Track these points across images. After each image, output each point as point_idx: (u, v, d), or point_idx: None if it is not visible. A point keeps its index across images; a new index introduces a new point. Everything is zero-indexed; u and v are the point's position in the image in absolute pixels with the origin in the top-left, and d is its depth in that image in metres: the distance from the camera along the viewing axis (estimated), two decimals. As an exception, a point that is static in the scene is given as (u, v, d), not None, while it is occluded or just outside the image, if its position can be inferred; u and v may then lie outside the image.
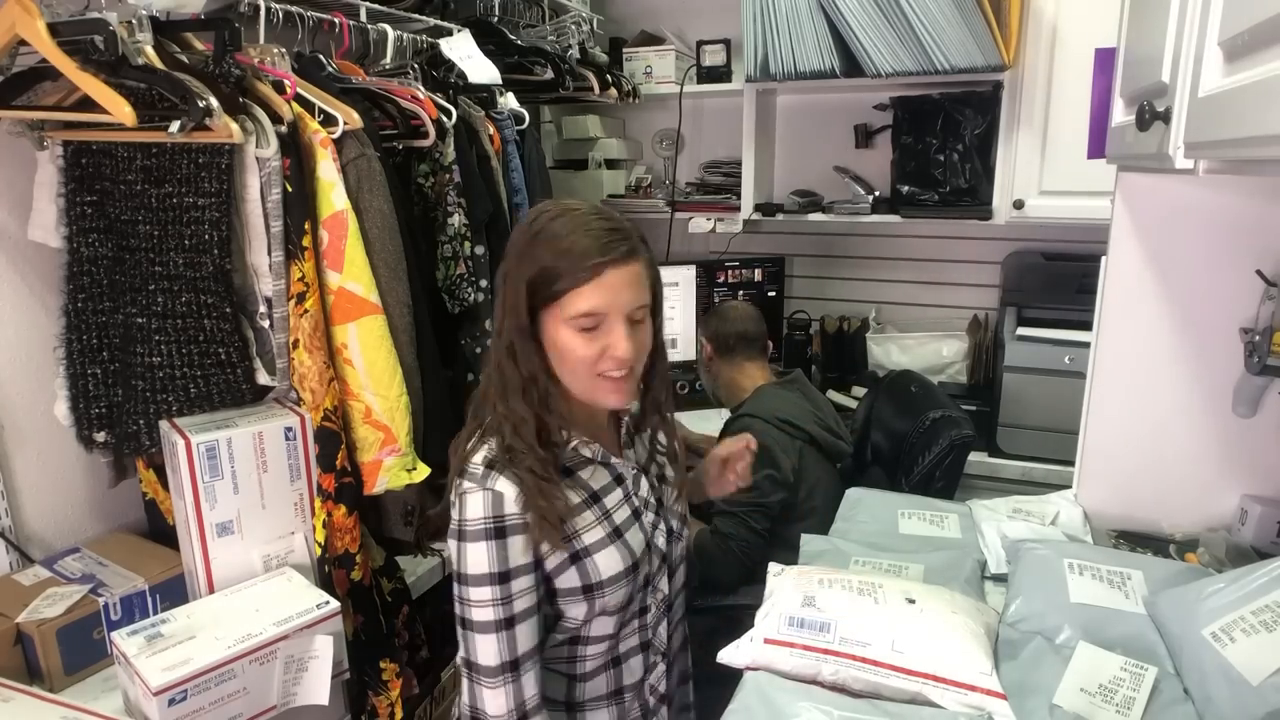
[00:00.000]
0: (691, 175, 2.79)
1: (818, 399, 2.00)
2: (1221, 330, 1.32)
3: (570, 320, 0.97)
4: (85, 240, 1.35)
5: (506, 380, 1.00)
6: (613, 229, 0.98)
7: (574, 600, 1.03)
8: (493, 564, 0.96)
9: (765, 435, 1.78)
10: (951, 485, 1.90)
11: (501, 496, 0.96)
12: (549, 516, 0.97)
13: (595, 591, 1.02)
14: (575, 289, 0.96)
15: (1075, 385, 1.54)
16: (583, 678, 1.09)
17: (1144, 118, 0.88)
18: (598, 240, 0.96)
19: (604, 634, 1.07)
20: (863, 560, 1.29)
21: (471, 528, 0.96)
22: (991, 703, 0.96)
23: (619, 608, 1.06)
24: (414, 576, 1.60)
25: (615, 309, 0.97)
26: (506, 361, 1.00)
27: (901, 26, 2.00)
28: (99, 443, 1.42)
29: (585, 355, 0.98)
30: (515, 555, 0.97)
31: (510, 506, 0.96)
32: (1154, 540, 1.40)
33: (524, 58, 2.08)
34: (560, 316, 0.98)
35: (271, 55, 1.36)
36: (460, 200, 1.59)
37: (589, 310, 0.96)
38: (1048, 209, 2.14)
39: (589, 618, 1.05)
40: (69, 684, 1.25)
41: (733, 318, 2.00)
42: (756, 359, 2.00)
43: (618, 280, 0.97)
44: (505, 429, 0.99)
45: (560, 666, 1.08)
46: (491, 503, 0.96)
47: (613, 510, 1.07)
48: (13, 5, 1.16)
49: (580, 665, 1.08)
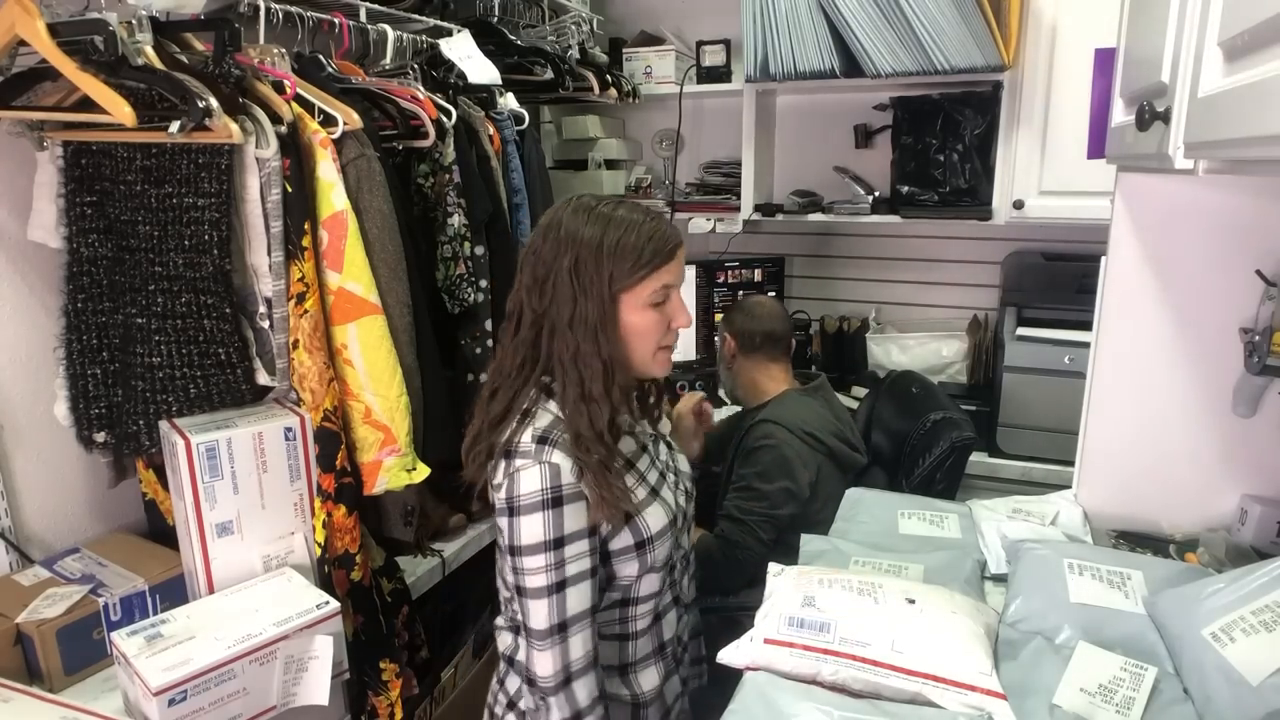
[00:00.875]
0: (691, 175, 2.79)
1: (838, 408, 1.96)
2: (1221, 330, 1.32)
3: (650, 296, 1.08)
4: (85, 240, 1.35)
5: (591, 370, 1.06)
6: (657, 215, 1.10)
7: (627, 559, 1.10)
8: (547, 532, 1.02)
9: (787, 447, 1.76)
10: (952, 487, 1.89)
11: (558, 468, 1.03)
12: (614, 506, 1.04)
13: (646, 547, 1.11)
14: (660, 267, 1.07)
15: (1075, 385, 1.54)
16: (634, 636, 1.17)
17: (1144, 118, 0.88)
18: (662, 223, 1.09)
19: (651, 592, 1.16)
20: (862, 560, 1.29)
21: (527, 501, 1.02)
22: (991, 703, 0.96)
23: (664, 563, 1.15)
24: (414, 577, 1.60)
25: (679, 281, 1.12)
26: (588, 349, 1.06)
27: (901, 27, 2.00)
28: (99, 443, 1.42)
29: (657, 328, 1.10)
30: (569, 522, 1.03)
31: (566, 477, 1.03)
32: (1154, 540, 1.40)
33: (524, 58, 2.08)
34: (642, 295, 1.08)
35: (271, 55, 1.36)
36: (460, 200, 1.59)
37: (667, 284, 1.09)
38: (1047, 209, 2.14)
39: (641, 573, 1.12)
40: (69, 684, 1.25)
41: (760, 315, 1.91)
42: (780, 359, 1.93)
43: (680, 256, 1.11)
44: (581, 421, 1.05)
45: (613, 629, 1.16)
46: (550, 475, 1.02)
47: (646, 473, 1.17)
48: (12, 5, 1.16)
49: (631, 624, 1.17)
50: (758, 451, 1.78)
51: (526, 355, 1.10)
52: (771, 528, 1.75)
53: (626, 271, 1.05)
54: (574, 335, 1.06)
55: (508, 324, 1.13)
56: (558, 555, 1.03)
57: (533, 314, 1.08)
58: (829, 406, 1.92)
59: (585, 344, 1.05)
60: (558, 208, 1.11)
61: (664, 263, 1.07)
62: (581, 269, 1.05)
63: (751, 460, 1.78)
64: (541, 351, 1.09)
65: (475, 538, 1.80)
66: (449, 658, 1.80)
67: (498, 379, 1.12)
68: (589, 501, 1.04)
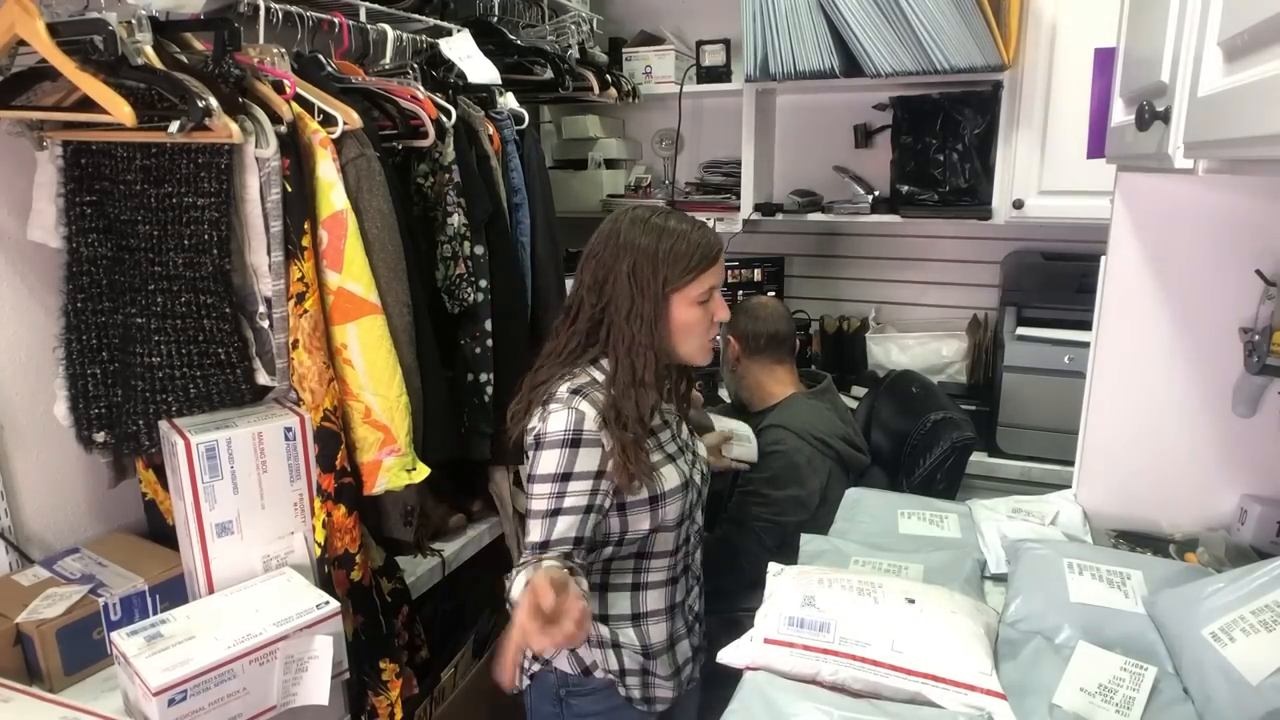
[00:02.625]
0: (691, 175, 2.79)
1: (843, 410, 1.95)
2: (1221, 330, 1.32)
3: (698, 296, 1.23)
4: (85, 240, 1.35)
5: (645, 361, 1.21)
6: (700, 224, 1.26)
7: (641, 511, 1.25)
8: (559, 466, 1.17)
9: (798, 453, 1.74)
10: (953, 487, 1.89)
11: (583, 415, 1.18)
12: (638, 474, 1.20)
13: (660, 502, 1.25)
14: (706, 270, 1.23)
15: (1075, 385, 1.54)
16: (646, 587, 1.32)
17: (1144, 118, 0.88)
18: (705, 233, 1.25)
19: (664, 549, 1.31)
20: (862, 560, 1.29)
21: (551, 438, 1.18)
22: (991, 702, 0.96)
23: (676, 522, 1.29)
24: (414, 577, 1.60)
25: (720, 281, 1.28)
26: (641, 341, 1.21)
27: (901, 26, 2.00)
28: (99, 443, 1.42)
29: (703, 323, 1.26)
30: (581, 463, 1.17)
31: (589, 424, 1.18)
32: (1154, 540, 1.40)
33: (524, 58, 2.08)
34: (691, 295, 1.23)
35: (271, 55, 1.36)
36: (460, 200, 1.59)
37: (713, 285, 1.25)
38: (1047, 209, 2.14)
39: (653, 528, 1.26)
40: (69, 684, 1.25)
41: (764, 316, 1.89)
42: (786, 361, 1.91)
43: (721, 260, 1.27)
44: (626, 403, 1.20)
45: (627, 578, 1.31)
46: (575, 419, 1.18)
47: (663, 444, 1.32)
48: (12, 5, 1.16)
49: (644, 575, 1.31)
50: (768, 457, 1.77)
51: (580, 343, 1.26)
52: (775, 534, 1.74)
53: (678, 274, 1.21)
54: (630, 328, 1.21)
55: (565, 316, 1.29)
56: (561, 487, 1.16)
57: (590, 309, 1.25)
58: (835, 409, 1.91)
59: (641, 336, 1.21)
60: (616, 218, 1.26)
61: (709, 266, 1.23)
62: (639, 272, 1.21)
63: (761, 465, 1.77)
64: (596, 340, 1.25)
65: (475, 537, 1.80)
66: (449, 658, 1.80)
67: (548, 359, 1.28)
68: (604, 449, 1.18)
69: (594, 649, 1.30)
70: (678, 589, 1.36)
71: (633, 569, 1.31)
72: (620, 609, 1.31)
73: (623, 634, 1.31)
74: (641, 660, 1.31)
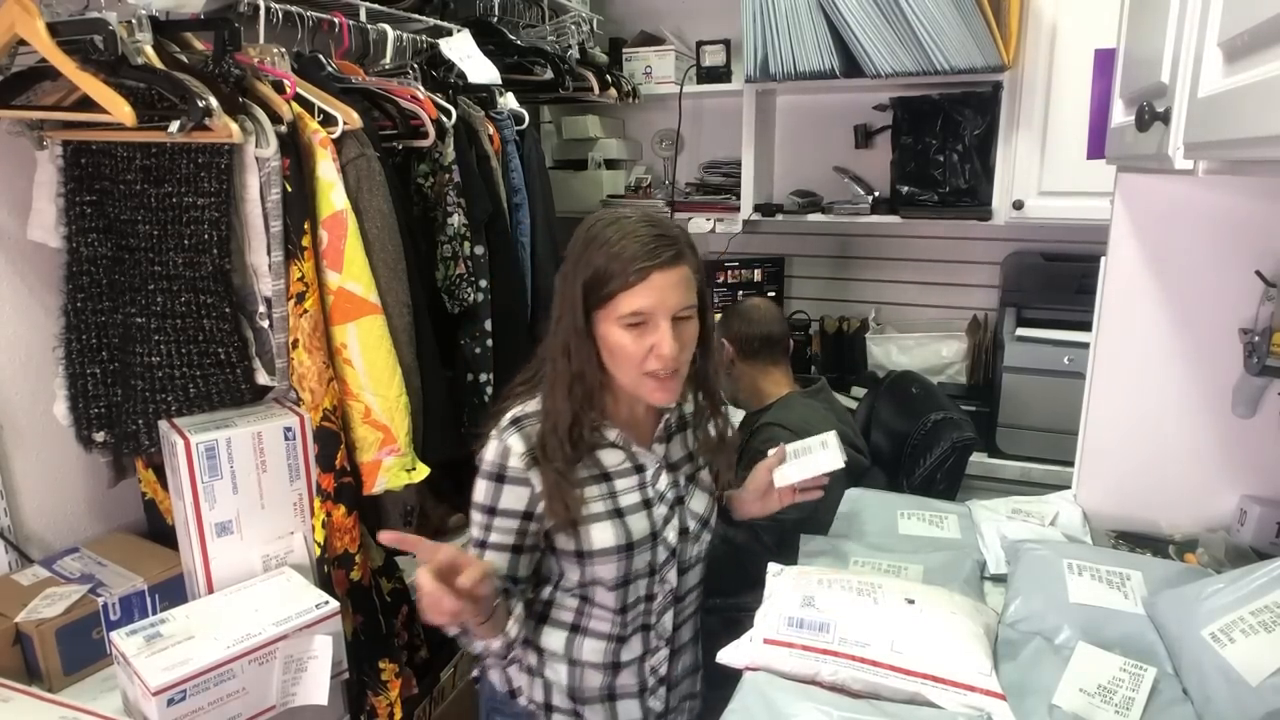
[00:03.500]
0: (691, 175, 2.79)
1: (840, 410, 1.95)
2: (1221, 330, 1.32)
3: (620, 319, 1.05)
4: (85, 240, 1.35)
5: (557, 375, 1.10)
6: (659, 235, 1.06)
7: (569, 561, 1.14)
8: (486, 499, 1.10)
9: None
10: (953, 488, 1.89)
11: (509, 450, 1.09)
12: (560, 516, 1.09)
13: (585, 559, 1.12)
14: (625, 290, 1.04)
15: (1075, 385, 1.54)
16: (585, 632, 1.18)
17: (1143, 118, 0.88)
18: (645, 246, 1.04)
19: (606, 605, 1.17)
20: (862, 561, 1.29)
21: (482, 468, 1.11)
22: (991, 703, 0.96)
23: (615, 584, 1.15)
24: (413, 577, 1.60)
25: (661, 309, 1.05)
26: (560, 358, 1.09)
27: (901, 27, 2.00)
28: (98, 442, 1.42)
29: (634, 353, 1.06)
30: (505, 500, 1.09)
31: (513, 460, 1.08)
32: (1153, 541, 1.40)
33: (524, 58, 2.08)
34: (612, 316, 1.06)
35: (271, 55, 1.36)
36: (460, 200, 1.59)
37: (636, 310, 1.04)
38: (1047, 209, 2.14)
39: (584, 583, 1.15)
40: (68, 684, 1.25)
41: (756, 319, 1.90)
42: (781, 362, 1.92)
43: (664, 282, 1.04)
44: (546, 422, 1.10)
45: (567, 617, 1.18)
46: (500, 453, 1.09)
47: (621, 492, 1.16)
48: (12, 5, 1.16)
49: (585, 620, 1.18)
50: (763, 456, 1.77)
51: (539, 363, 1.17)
52: (774, 531, 1.74)
53: (595, 289, 1.05)
54: (555, 342, 1.11)
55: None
56: (488, 520, 1.10)
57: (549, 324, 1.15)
58: (831, 409, 1.91)
59: (559, 354, 1.09)
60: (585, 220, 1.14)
61: (624, 289, 1.04)
62: (564, 280, 1.10)
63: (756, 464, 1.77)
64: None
65: (475, 538, 1.80)
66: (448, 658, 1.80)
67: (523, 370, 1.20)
68: (534, 490, 1.09)
69: (522, 673, 1.21)
70: (626, 647, 1.19)
71: (575, 609, 1.18)
72: (554, 646, 1.18)
73: (551, 670, 1.19)
74: (570, 703, 1.20)
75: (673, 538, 1.19)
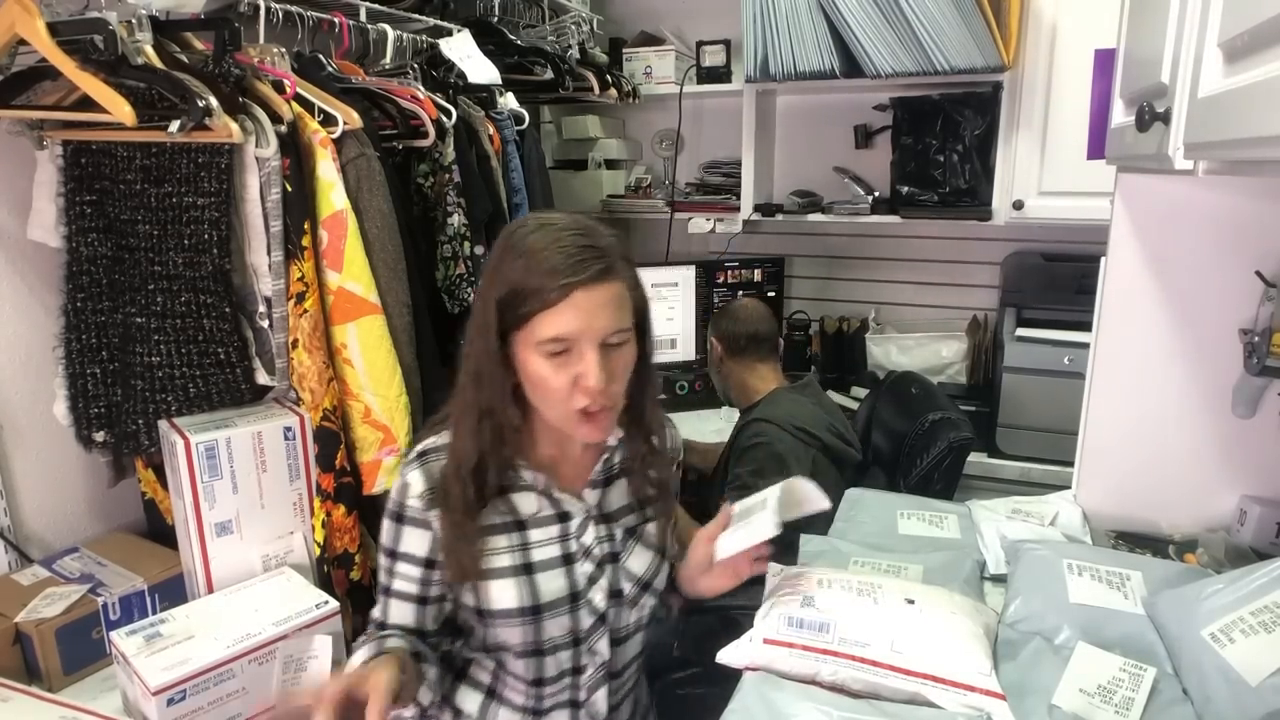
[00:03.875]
0: (691, 175, 2.79)
1: (829, 404, 1.97)
2: (1221, 330, 1.32)
3: (539, 345, 0.89)
4: (85, 240, 1.35)
5: (465, 407, 0.95)
6: (587, 245, 0.89)
7: (473, 618, 1.01)
8: (387, 540, 1.00)
9: (779, 443, 1.75)
10: (950, 487, 1.89)
11: (407, 487, 0.97)
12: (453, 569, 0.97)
13: (485, 619, 0.99)
14: (543, 311, 0.88)
15: (1074, 386, 1.54)
16: (501, 700, 1.05)
17: (1144, 119, 0.88)
18: (568, 258, 0.87)
19: (518, 674, 1.03)
20: (862, 561, 1.29)
21: (387, 505, 1.00)
22: (990, 703, 0.95)
23: (523, 651, 1.00)
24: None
25: (587, 334, 0.89)
26: (469, 387, 0.94)
27: (901, 27, 2.00)
28: (98, 442, 1.42)
29: (557, 385, 0.90)
30: (405, 543, 0.99)
31: (411, 499, 0.97)
32: (1153, 541, 1.40)
33: (524, 58, 2.08)
34: (530, 341, 0.90)
35: (271, 55, 1.36)
36: (460, 200, 1.60)
37: (557, 335, 0.88)
38: (1047, 209, 2.14)
39: (489, 647, 1.03)
40: (68, 684, 1.25)
41: (744, 318, 1.96)
42: (768, 359, 1.96)
43: (590, 302, 0.88)
44: (451, 461, 0.96)
45: (485, 678, 1.06)
46: (400, 490, 0.98)
47: (535, 544, 1.00)
48: (12, 4, 1.16)
49: (500, 687, 1.05)
50: (751, 450, 1.78)
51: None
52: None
53: (510, 308, 0.89)
54: (465, 367, 0.96)
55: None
56: (390, 564, 1.00)
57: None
58: (819, 403, 1.93)
59: (468, 382, 0.95)
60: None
61: (543, 309, 0.87)
62: (479, 296, 0.95)
63: (746, 459, 1.78)
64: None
65: (475, 537, 1.80)
66: (448, 657, 1.80)
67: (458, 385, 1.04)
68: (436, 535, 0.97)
69: None
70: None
71: (491, 671, 1.04)
72: (469, 707, 1.05)
73: None
74: None
75: (600, 601, 1.02)
